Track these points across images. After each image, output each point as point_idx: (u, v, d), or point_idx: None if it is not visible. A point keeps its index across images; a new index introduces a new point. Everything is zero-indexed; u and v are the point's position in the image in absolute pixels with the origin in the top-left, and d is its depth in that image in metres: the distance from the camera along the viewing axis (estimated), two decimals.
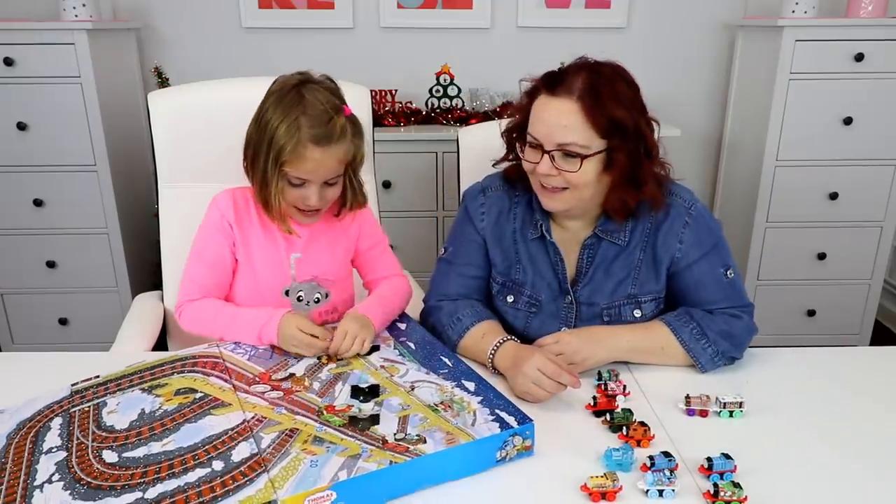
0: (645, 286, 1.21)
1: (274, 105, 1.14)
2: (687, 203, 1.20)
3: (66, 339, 2.49)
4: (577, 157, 1.09)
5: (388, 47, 2.66)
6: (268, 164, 1.14)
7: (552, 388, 1.02)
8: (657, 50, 2.71)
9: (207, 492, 0.78)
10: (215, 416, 0.94)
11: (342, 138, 1.15)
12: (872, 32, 2.26)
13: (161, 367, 1.08)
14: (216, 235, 1.24)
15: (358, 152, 1.20)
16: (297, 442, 0.87)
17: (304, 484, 0.78)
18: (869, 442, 0.95)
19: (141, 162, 2.54)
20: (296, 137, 1.11)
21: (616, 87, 1.09)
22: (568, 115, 1.08)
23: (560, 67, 1.14)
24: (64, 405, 0.98)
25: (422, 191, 2.45)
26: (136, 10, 2.58)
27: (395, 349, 1.16)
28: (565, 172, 1.10)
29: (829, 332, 2.63)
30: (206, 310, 1.23)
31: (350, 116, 1.17)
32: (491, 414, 0.93)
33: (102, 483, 0.80)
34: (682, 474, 0.87)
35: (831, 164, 2.41)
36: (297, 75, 1.18)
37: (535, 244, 1.24)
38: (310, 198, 1.17)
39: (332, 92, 1.18)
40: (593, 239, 1.21)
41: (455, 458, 0.86)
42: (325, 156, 1.13)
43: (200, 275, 1.25)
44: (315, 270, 1.29)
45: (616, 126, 1.08)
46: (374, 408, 0.96)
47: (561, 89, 1.09)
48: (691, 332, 1.15)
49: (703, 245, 1.19)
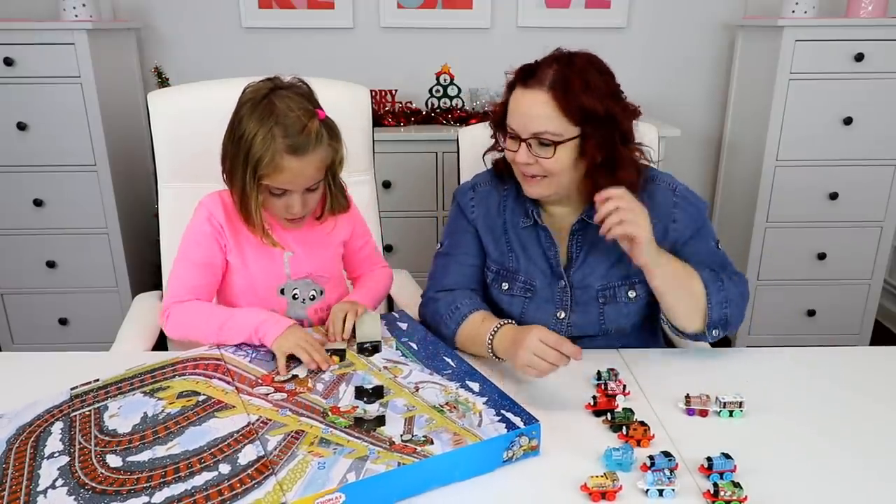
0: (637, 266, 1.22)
1: (247, 116, 1.12)
2: (670, 185, 1.25)
3: (66, 339, 2.49)
4: (550, 145, 1.13)
5: (388, 47, 2.66)
6: (246, 177, 1.12)
7: (555, 358, 1.01)
8: (657, 50, 2.71)
9: (215, 495, 0.77)
10: (220, 418, 0.93)
11: (318, 144, 1.12)
12: (872, 32, 2.26)
13: (162, 370, 1.08)
14: (205, 238, 1.22)
15: (336, 156, 1.18)
16: (304, 444, 0.87)
17: (313, 486, 0.78)
18: (869, 441, 0.95)
19: (141, 162, 2.54)
20: (272, 149, 1.09)
21: (587, 77, 1.12)
22: (540, 105, 1.12)
23: (536, 60, 1.17)
24: (64, 409, 0.97)
25: (422, 191, 2.45)
26: (136, 10, 2.58)
27: (397, 349, 1.16)
28: (541, 160, 1.14)
29: (829, 332, 2.63)
30: (197, 311, 1.20)
31: (325, 120, 1.15)
32: (497, 414, 0.93)
33: (108, 488, 0.80)
34: (682, 474, 0.87)
35: (831, 164, 2.41)
36: (267, 82, 1.16)
37: (527, 232, 1.26)
38: (293, 206, 1.16)
39: (304, 96, 1.15)
40: (581, 224, 1.23)
41: (463, 459, 0.86)
42: (303, 164, 1.12)
43: (189, 276, 1.23)
44: (309, 266, 1.28)
45: (587, 114, 1.12)
46: (379, 409, 0.96)
47: (533, 81, 1.13)
48: (709, 273, 1.18)
49: (696, 221, 1.23)
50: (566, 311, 1.24)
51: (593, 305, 1.23)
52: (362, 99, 1.53)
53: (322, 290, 1.30)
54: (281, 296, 1.27)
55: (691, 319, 1.17)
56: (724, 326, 1.18)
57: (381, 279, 1.40)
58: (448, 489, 0.85)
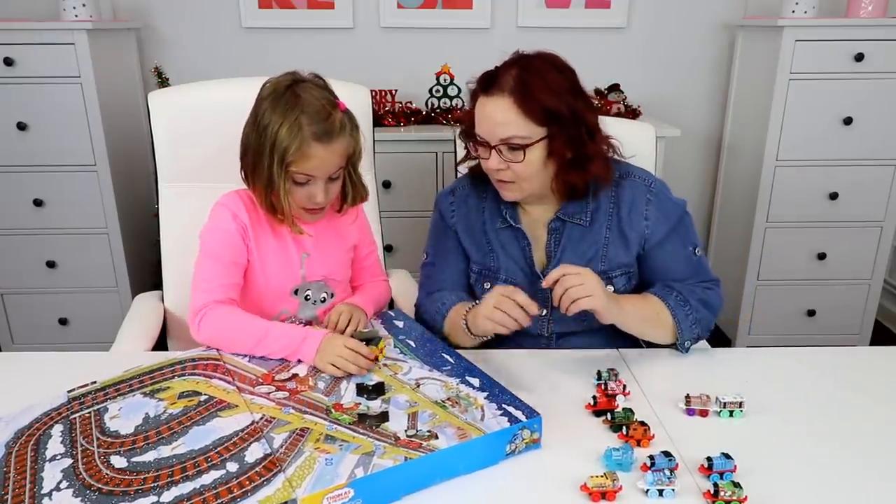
0: (614, 261, 1.24)
1: (271, 108, 1.13)
2: (646, 181, 1.25)
3: (66, 339, 2.48)
4: (519, 149, 1.14)
5: (388, 47, 2.66)
6: (273, 167, 1.13)
7: (510, 307, 1.05)
8: (657, 50, 2.70)
9: (225, 493, 0.78)
10: (223, 417, 0.94)
11: (342, 133, 1.16)
12: (872, 32, 2.26)
13: (160, 371, 1.07)
14: (230, 236, 1.22)
15: (357, 146, 1.21)
16: (310, 441, 0.87)
17: (322, 482, 0.79)
18: (869, 441, 0.95)
19: (141, 162, 2.54)
20: (299, 137, 1.11)
21: (546, 77, 1.14)
22: (504, 111, 1.13)
23: (496, 66, 1.19)
24: (62, 412, 0.97)
25: (422, 191, 2.44)
26: (136, 10, 2.58)
27: (395, 347, 1.16)
28: (513, 164, 1.16)
29: (829, 332, 2.63)
30: (233, 321, 1.16)
31: (346, 111, 1.18)
32: (499, 409, 0.95)
33: (114, 489, 0.80)
34: (682, 474, 0.87)
35: (831, 164, 2.41)
36: (287, 76, 1.18)
37: (506, 233, 1.28)
38: (316, 195, 1.17)
39: (324, 89, 1.18)
40: (557, 222, 1.25)
41: (468, 453, 0.88)
42: (328, 151, 1.14)
43: (220, 275, 1.20)
44: (324, 269, 1.30)
45: (550, 114, 1.13)
46: (381, 405, 0.97)
47: (494, 88, 1.15)
48: (675, 298, 1.20)
49: (670, 219, 1.24)
50: (547, 308, 1.24)
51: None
52: (362, 99, 1.53)
53: (333, 294, 1.32)
54: (294, 296, 1.28)
55: (663, 340, 1.21)
56: (697, 339, 1.21)
57: (382, 291, 1.41)
58: (450, 489, 0.85)
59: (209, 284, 1.20)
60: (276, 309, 1.28)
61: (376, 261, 1.44)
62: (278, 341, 1.12)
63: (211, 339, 1.16)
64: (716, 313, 1.23)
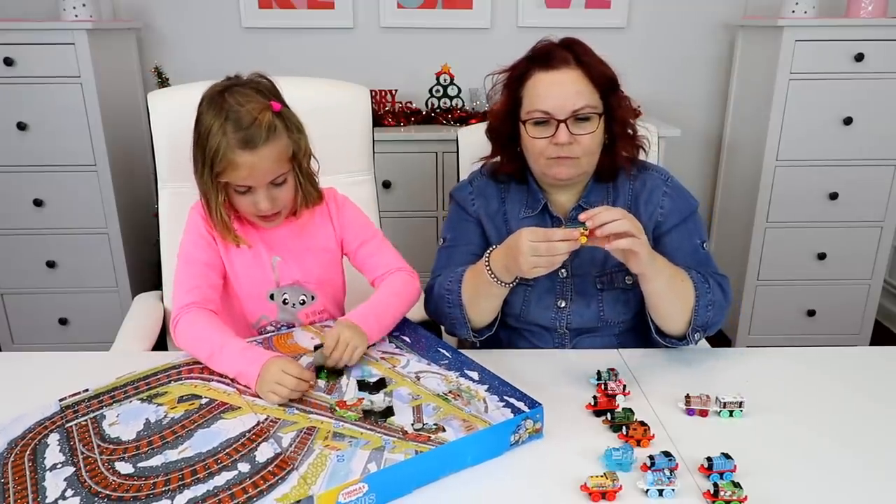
0: None
1: (204, 113, 1.12)
2: (664, 176, 1.28)
3: (66, 339, 2.49)
4: (590, 119, 1.16)
5: (388, 47, 2.66)
6: (205, 174, 1.12)
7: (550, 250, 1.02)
8: (657, 50, 2.71)
9: (240, 493, 0.78)
10: (227, 419, 0.94)
11: (271, 137, 1.10)
12: (872, 32, 2.26)
13: (155, 376, 1.06)
14: (202, 239, 1.21)
15: (297, 147, 1.15)
16: (318, 439, 0.88)
17: (336, 478, 0.79)
18: (869, 441, 0.95)
19: (141, 162, 2.54)
20: (224, 145, 1.08)
21: (592, 52, 1.20)
22: (575, 82, 1.16)
23: (536, 48, 1.21)
24: (56, 421, 0.95)
25: (422, 191, 2.45)
26: (136, 10, 2.58)
27: (390, 342, 1.16)
28: (580, 137, 1.16)
29: (829, 332, 2.63)
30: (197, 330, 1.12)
31: (280, 112, 1.13)
32: (501, 400, 0.96)
33: (124, 494, 0.79)
34: (682, 474, 0.87)
35: (831, 164, 2.41)
36: (224, 81, 1.16)
37: (528, 223, 1.25)
38: (259, 203, 1.14)
39: (258, 90, 1.13)
40: (578, 210, 1.23)
41: (475, 444, 0.89)
42: (257, 158, 1.09)
43: (193, 276, 1.19)
44: (297, 272, 1.26)
45: (611, 81, 1.18)
46: (385, 400, 0.97)
47: (556, 62, 1.16)
48: (698, 275, 1.18)
49: (682, 212, 1.25)
50: (566, 301, 1.24)
51: (592, 293, 1.24)
52: (362, 99, 1.53)
53: (314, 296, 1.29)
54: (271, 301, 1.26)
55: (676, 322, 1.16)
56: (706, 329, 1.18)
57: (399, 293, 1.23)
58: (455, 487, 0.85)
59: (183, 287, 1.18)
60: (255, 315, 1.27)
61: (381, 249, 1.31)
62: (228, 360, 1.05)
63: (182, 345, 1.14)
64: (728, 301, 1.19)
